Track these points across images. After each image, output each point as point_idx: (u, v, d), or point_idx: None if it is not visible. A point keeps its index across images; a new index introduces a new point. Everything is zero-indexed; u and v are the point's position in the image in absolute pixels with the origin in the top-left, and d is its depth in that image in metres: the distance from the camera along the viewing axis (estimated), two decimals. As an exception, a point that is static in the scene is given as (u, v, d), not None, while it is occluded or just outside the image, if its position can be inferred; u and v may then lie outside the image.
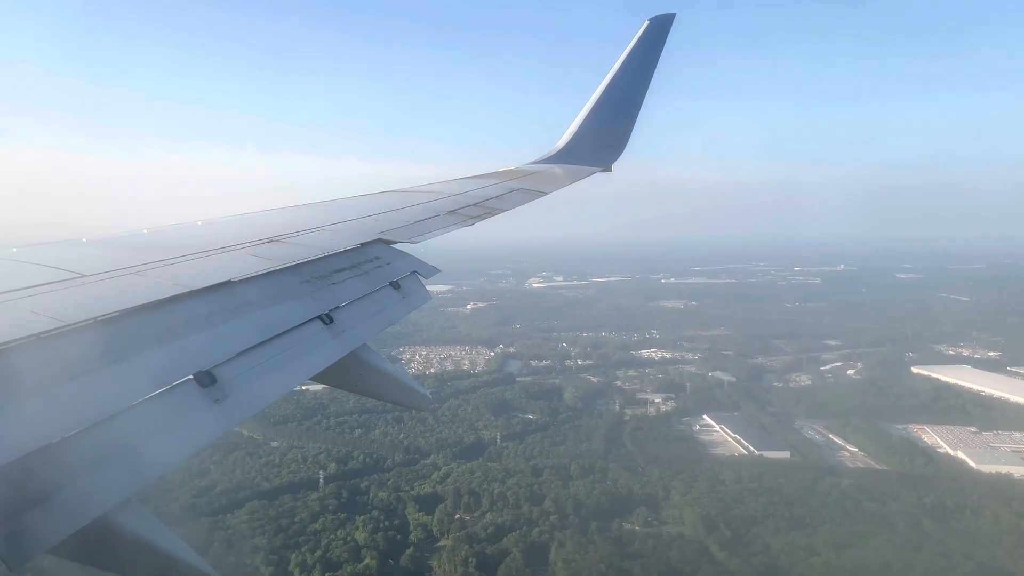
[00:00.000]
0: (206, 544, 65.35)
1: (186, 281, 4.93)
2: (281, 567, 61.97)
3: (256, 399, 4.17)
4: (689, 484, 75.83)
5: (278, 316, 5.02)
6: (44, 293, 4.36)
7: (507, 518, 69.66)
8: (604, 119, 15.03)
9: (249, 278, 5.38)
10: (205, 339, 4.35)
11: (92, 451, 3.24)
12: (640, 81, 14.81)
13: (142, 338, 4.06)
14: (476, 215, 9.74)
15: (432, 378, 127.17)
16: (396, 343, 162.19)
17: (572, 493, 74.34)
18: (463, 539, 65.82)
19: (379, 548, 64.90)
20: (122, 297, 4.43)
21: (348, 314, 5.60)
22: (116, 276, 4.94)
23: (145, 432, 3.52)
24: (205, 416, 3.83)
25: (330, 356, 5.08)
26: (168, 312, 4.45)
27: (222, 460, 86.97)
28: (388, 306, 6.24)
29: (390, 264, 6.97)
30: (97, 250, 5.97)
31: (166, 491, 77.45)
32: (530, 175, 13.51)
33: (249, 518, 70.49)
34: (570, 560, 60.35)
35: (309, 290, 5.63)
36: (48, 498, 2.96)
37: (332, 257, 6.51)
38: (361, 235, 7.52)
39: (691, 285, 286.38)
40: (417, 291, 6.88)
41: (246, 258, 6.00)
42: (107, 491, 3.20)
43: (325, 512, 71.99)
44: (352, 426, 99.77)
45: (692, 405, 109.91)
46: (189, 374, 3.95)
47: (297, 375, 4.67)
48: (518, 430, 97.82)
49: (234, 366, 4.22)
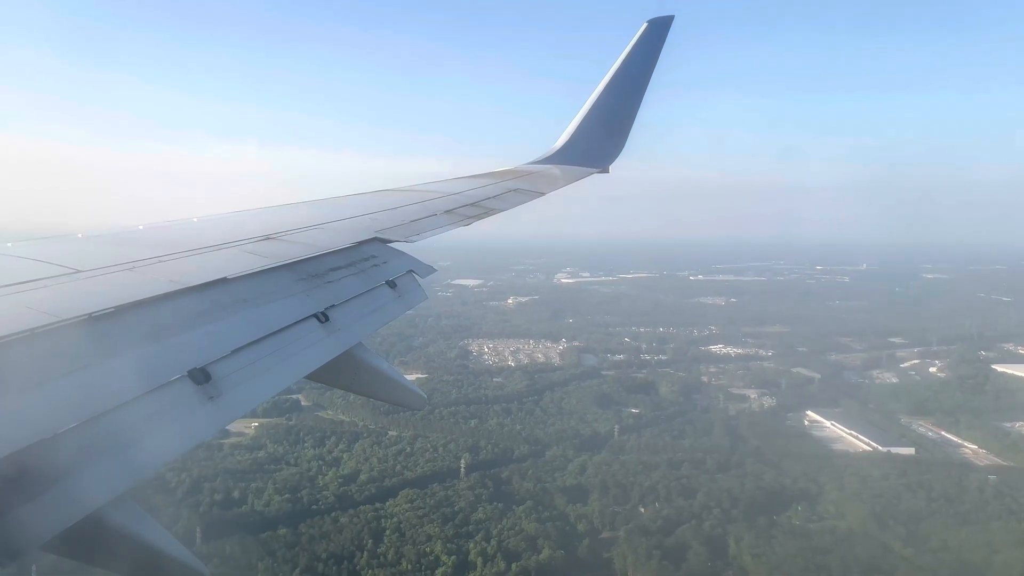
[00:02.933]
0: (379, 531, 65.46)
1: (181, 278, 4.91)
2: (461, 556, 61.90)
3: (251, 397, 4.17)
4: (837, 480, 76.23)
5: (273, 314, 5.02)
6: (39, 288, 4.33)
7: (669, 511, 69.93)
8: (602, 121, 15.01)
9: (245, 275, 5.36)
10: (200, 336, 4.35)
11: (85, 447, 3.21)
12: (638, 83, 14.76)
13: (137, 334, 4.06)
14: (473, 215, 9.78)
15: (518, 371, 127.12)
16: (459, 336, 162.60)
17: (723, 487, 74.62)
18: (635, 532, 65.88)
19: (551, 538, 64.99)
20: (117, 293, 4.40)
21: (344, 312, 5.59)
22: (111, 272, 4.90)
23: (139, 429, 3.50)
24: (199, 413, 3.82)
25: (325, 354, 5.06)
26: (163, 309, 4.44)
27: (348, 448, 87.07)
28: (384, 305, 6.22)
29: (386, 263, 6.95)
30: (92, 246, 5.94)
31: (310, 478, 77.57)
32: (528, 175, 13.53)
33: (409, 506, 70.55)
34: (758, 554, 60.57)
35: (305, 288, 5.62)
36: (40, 494, 2.95)
37: (328, 255, 6.49)
38: (357, 233, 7.47)
39: (721, 282, 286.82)
40: (413, 290, 6.84)
41: (242, 255, 5.97)
42: (100, 487, 3.19)
43: (480, 502, 72.04)
44: (464, 416, 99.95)
45: (792, 401, 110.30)
46: (184, 371, 3.93)
47: (292, 373, 4.68)
48: (631, 423, 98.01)
49: (229, 363, 4.21)
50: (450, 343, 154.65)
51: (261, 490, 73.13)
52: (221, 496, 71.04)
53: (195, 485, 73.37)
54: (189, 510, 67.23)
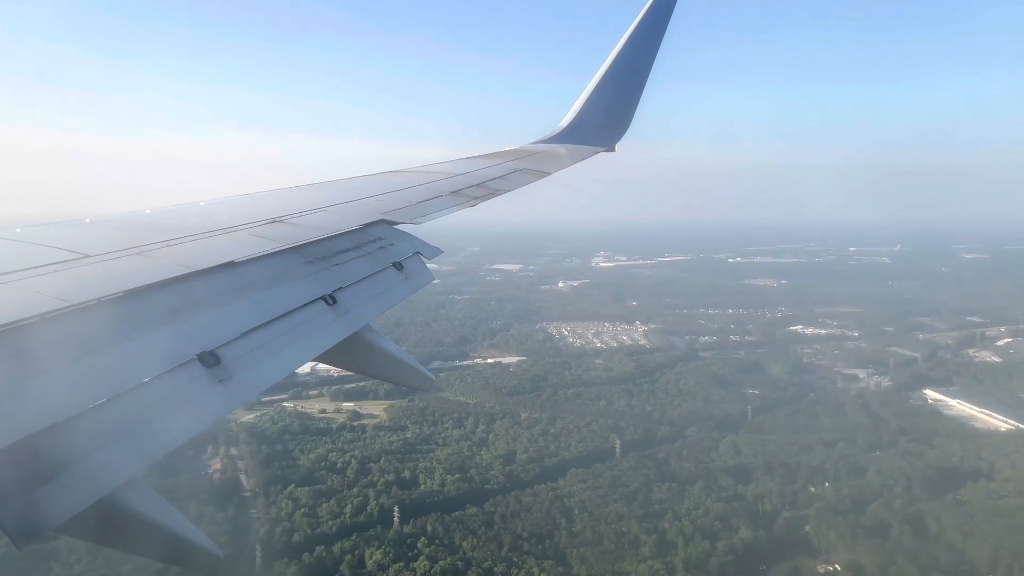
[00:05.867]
0: (566, 510, 65.02)
1: (189, 262, 4.91)
2: (660, 535, 61.49)
3: (260, 380, 4.17)
4: (1005, 458, 75.75)
5: (281, 297, 5.02)
6: (49, 273, 4.32)
7: (849, 490, 69.55)
8: (608, 98, 14.66)
9: (252, 259, 5.36)
10: (209, 320, 4.36)
11: (97, 431, 3.22)
12: (644, 59, 14.46)
13: (146, 318, 4.06)
14: (479, 195, 9.68)
15: (617, 352, 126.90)
16: (531, 319, 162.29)
17: (889, 466, 74.22)
18: (826, 511, 65.41)
19: (740, 517, 64.55)
20: (126, 277, 4.40)
21: (351, 295, 5.57)
22: (120, 257, 4.88)
23: (150, 412, 3.50)
24: (209, 396, 3.81)
25: (333, 337, 5.04)
26: (172, 293, 4.44)
27: (487, 428, 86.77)
28: (391, 287, 6.21)
29: (393, 245, 6.92)
30: (101, 230, 5.90)
31: (468, 457, 77.07)
32: (533, 155, 13.25)
33: (584, 486, 70.22)
34: (967, 532, 60.01)
35: (312, 271, 5.62)
36: (54, 477, 2.95)
37: (335, 238, 6.47)
38: (364, 216, 7.43)
39: (761, 264, 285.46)
40: (420, 272, 6.80)
41: (249, 239, 5.97)
42: (113, 470, 3.19)
43: (651, 481, 71.66)
44: (588, 398, 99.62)
45: (905, 380, 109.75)
46: (193, 355, 3.93)
47: (301, 356, 4.68)
48: (758, 404, 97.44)
49: (238, 347, 4.21)
50: (527, 326, 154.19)
51: (430, 470, 72.75)
52: (392, 476, 70.63)
53: (362, 466, 73.08)
54: (373, 491, 66.92)
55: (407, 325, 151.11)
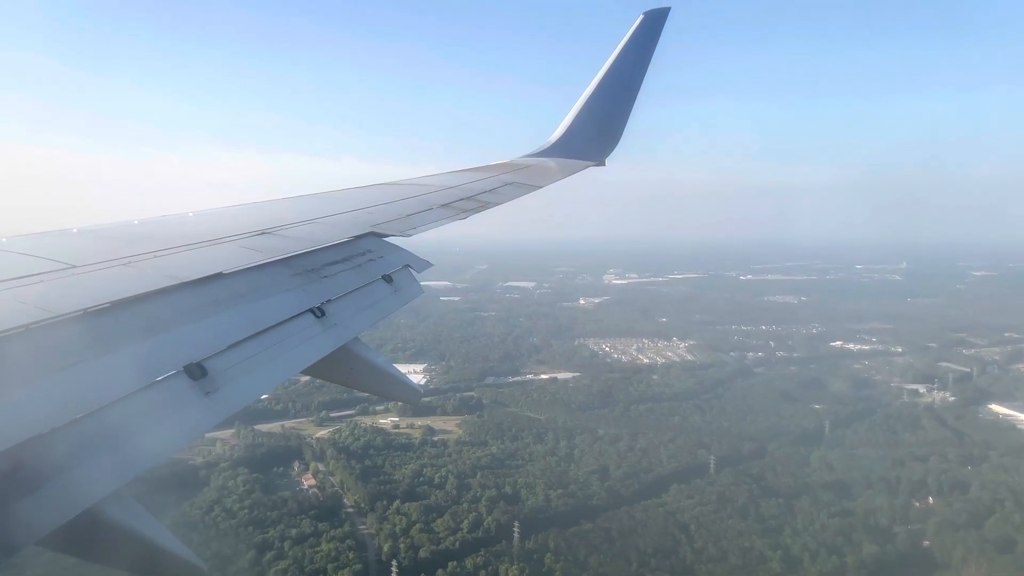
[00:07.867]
0: (682, 525, 63.88)
1: (177, 273, 4.88)
2: (784, 551, 60.42)
3: (247, 392, 4.11)
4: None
5: (269, 309, 4.97)
6: (34, 283, 4.27)
7: (961, 504, 68.90)
8: (598, 113, 14.79)
9: (241, 270, 5.32)
10: (196, 331, 4.30)
11: (81, 443, 3.15)
12: (635, 75, 14.64)
13: (132, 330, 4.00)
14: (469, 208, 9.65)
15: (671, 368, 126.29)
16: (566, 335, 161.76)
17: (992, 480, 73.76)
18: (945, 526, 64.62)
19: (858, 532, 63.63)
20: (112, 288, 4.35)
21: (340, 307, 5.54)
22: (106, 267, 4.83)
23: (135, 424, 3.41)
24: (195, 408, 3.75)
25: (321, 349, 5.01)
26: (159, 304, 4.39)
27: (569, 444, 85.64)
28: (380, 300, 6.19)
29: (382, 257, 6.91)
30: (88, 241, 5.84)
31: (560, 473, 75.73)
32: (524, 168, 13.29)
33: (691, 502, 69.20)
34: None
35: (301, 283, 5.57)
36: (37, 490, 2.89)
37: (324, 250, 6.45)
38: (354, 228, 7.42)
39: (773, 282, 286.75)
40: (409, 285, 6.78)
41: (238, 250, 5.91)
42: (96, 483, 3.11)
43: (755, 497, 70.63)
44: (660, 413, 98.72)
45: (970, 395, 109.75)
46: (180, 366, 3.85)
47: (288, 368, 4.66)
48: (832, 419, 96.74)
49: (225, 359, 4.15)
50: (565, 343, 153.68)
51: (531, 485, 71.44)
52: (494, 491, 69.26)
53: (460, 482, 71.68)
54: (481, 506, 65.55)
55: (447, 341, 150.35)
